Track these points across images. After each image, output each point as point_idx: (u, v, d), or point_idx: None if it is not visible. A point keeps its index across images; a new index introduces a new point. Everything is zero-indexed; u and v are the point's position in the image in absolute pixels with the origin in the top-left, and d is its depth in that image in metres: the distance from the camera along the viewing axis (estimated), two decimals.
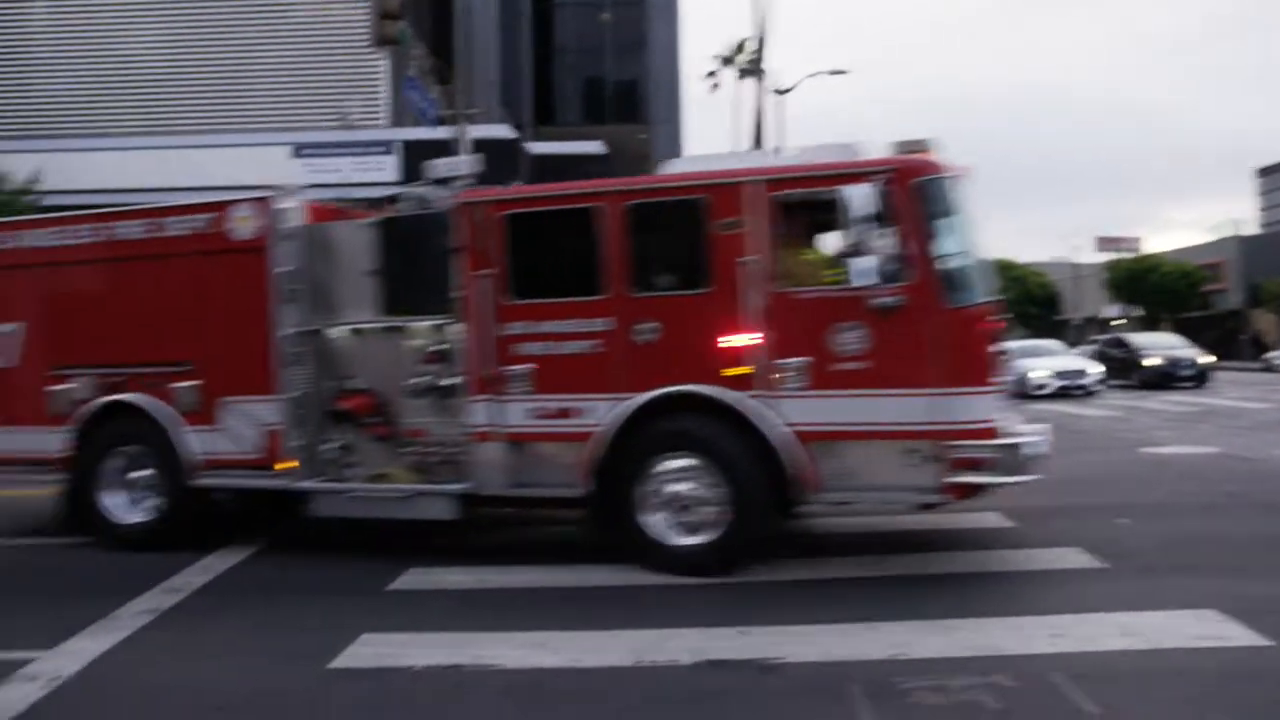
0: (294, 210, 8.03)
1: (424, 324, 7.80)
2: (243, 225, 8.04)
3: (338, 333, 8.16)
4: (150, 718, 4.74)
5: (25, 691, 4.97)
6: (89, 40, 26.13)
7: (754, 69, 33.08)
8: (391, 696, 4.92)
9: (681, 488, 6.91)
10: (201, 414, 8.10)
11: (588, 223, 7.08)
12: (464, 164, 8.09)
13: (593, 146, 25.40)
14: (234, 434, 8.04)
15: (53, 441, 8.46)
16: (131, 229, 8.51)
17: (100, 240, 8.57)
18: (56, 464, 8.53)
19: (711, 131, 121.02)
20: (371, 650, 5.50)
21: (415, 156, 23.19)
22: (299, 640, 5.80)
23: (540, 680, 5.04)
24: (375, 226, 7.97)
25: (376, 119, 24.62)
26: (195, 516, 8.36)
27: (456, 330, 7.51)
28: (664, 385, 6.85)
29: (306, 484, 7.90)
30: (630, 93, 42.71)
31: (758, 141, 30.27)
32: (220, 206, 8.22)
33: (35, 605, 6.86)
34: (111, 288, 8.54)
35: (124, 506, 8.45)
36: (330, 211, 8.70)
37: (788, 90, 34.28)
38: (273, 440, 7.92)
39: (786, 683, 4.90)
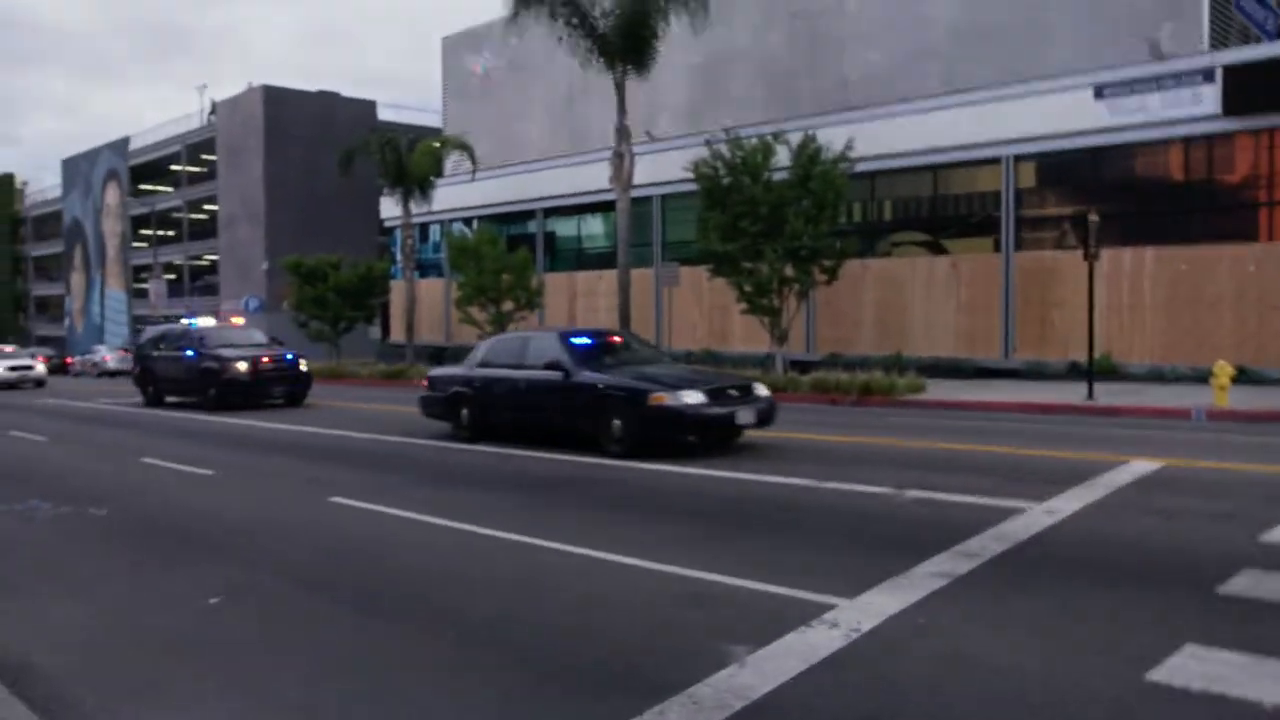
0: None
1: None
2: None
3: None
4: (940, 693, 4.42)
5: (829, 638, 5.04)
6: (893, 9, 27.54)
7: None
8: None
9: None
10: None
11: None
12: None
13: None
14: None
15: None
16: None
17: None
18: None
19: None
20: (1200, 667, 4.52)
21: (1240, 82, 20.13)
22: (1107, 635, 5.04)
23: None
24: None
25: (1194, 43, 21.89)
26: None
27: None
28: None
29: None
30: None
31: None
32: None
33: (840, 551, 7.12)
34: None
35: None
36: None
37: None
38: None
39: None
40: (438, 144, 35.75)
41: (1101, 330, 19.56)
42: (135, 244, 71.77)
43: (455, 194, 37.51)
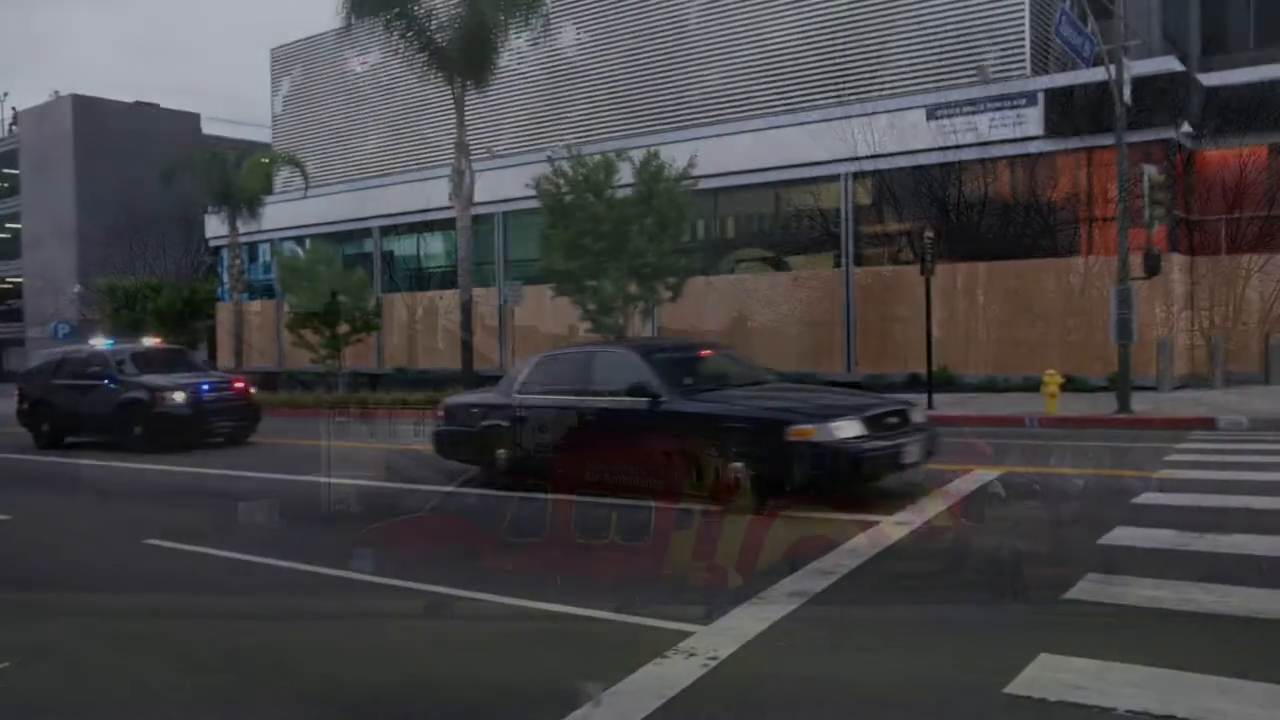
0: None
1: None
2: None
3: None
4: (805, 716, 4.20)
5: (687, 668, 4.74)
6: (735, 29, 27.97)
7: None
8: None
9: None
10: None
11: None
12: None
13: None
14: None
15: None
16: None
17: None
18: None
19: None
20: (1053, 676, 4.43)
21: (1060, 105, 21.21)
22: (963, 649, 4.94)
23: None
24: None
25: (1018, 68, 22.98)
26: None
27: None
28: None
29: None
30: None
31: None
32: None
33: (696, 575, 6.86)
34: None
35: None
36: None
37: None
38: None
39: None
40: (267, 160, 34.25)
41: (939, 343, 20.15)
42: None
43: (288, 212, 35.97)
